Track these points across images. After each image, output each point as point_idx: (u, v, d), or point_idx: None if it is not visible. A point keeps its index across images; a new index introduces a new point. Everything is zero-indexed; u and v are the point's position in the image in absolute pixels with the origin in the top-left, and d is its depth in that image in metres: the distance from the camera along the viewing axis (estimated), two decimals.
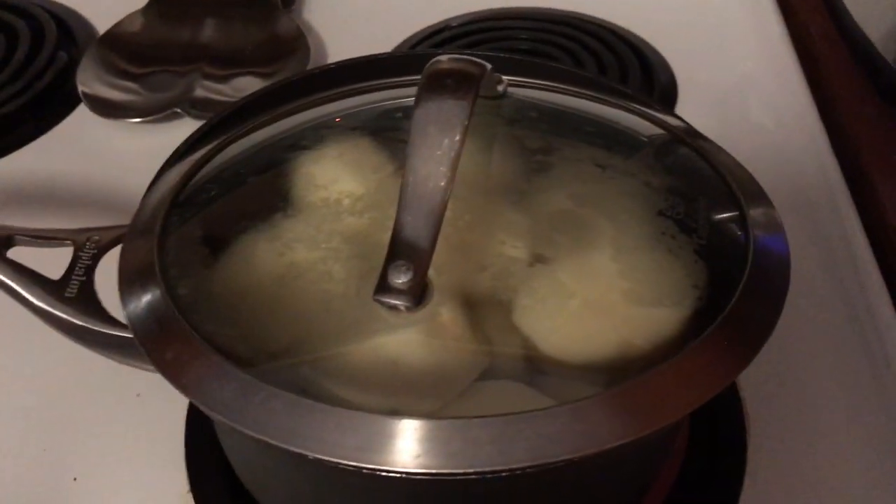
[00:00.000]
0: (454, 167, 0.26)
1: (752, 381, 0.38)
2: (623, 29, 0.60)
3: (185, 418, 0.38)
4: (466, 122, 0.26)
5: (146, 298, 0.27)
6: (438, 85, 0.27)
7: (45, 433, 0.38)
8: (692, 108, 0.53)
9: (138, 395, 0.39)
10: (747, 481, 0.35)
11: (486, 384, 0.27)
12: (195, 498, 0.36)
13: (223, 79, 0.56)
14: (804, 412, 0.37)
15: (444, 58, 0.29)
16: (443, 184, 0.26)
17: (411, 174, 0.26)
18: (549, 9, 0.62)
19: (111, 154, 0.52)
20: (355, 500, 0.29)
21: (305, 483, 0.30)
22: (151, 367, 0.30)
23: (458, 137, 0.26)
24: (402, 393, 0.27)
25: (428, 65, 0.28)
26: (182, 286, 0.28)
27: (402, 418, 0.23)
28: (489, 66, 0.28)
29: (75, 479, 0.37)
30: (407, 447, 0.22)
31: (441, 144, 0.26)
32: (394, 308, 0.26)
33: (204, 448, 0.37)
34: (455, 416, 0.24)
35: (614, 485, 0.32)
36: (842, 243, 0.44)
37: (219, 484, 0.36)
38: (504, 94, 0.34)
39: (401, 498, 0.28)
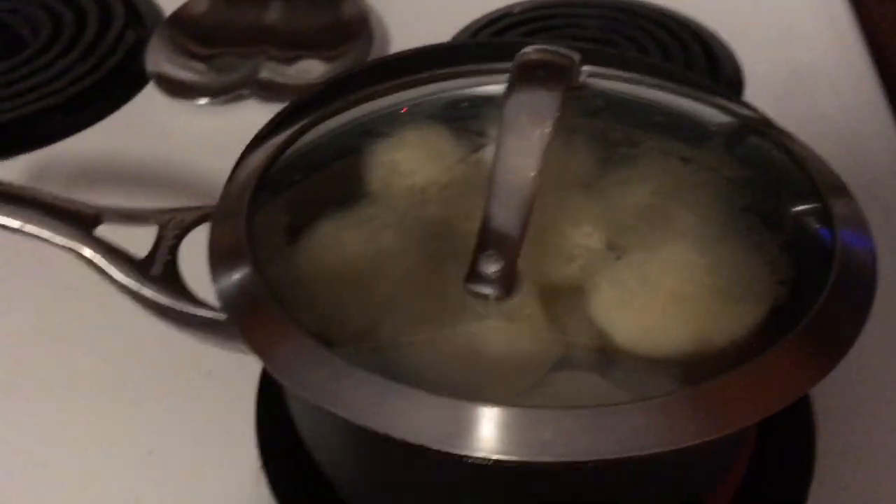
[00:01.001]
0: (544, 158, 0.26)
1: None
2: (687, 17, 0.59)
3: (255, 395, 0.39)
4: (557, 114, 0.26)
5: (237, 279, 0.28)
6: (530, 76, 0.27)
7: (123, 408, 0.39)
8: (758, 98, 0.52)
9: (209, 372, 0.40)
10: (815, 484, 0.35)
11: (562, 374, 0.28)
12: (267, 474, 0.36)
13: (287, 61, 0.56)
14: (874, 413, 0.37)
15: (531, 49, 0.29)
16: (532, 175, 0.26)
17: (501, 165, 0.26)
18: None
19: (179, 134, 0.53)
20: (432, 481, 0.30)
21: (382, 463, 0.30)
22: (233, 347, 0.31)
23: (548, 129, 0.26)
24: (479, 379, 0.27)
25: (518, 55, 0.28)
26: (270, 268, 0.28)
27: (496, 406, 0.23)
28: (578, 57, 0.28)
29: (151, 452, 0.38)
30: (499, 435, 0.23)
31: (532, 135, 0.26)
32: (484, 297, 0.26)
33: (275, 425, 0.38)
34: (544, 405, 0.24)
35: (684, 480, 0.32)
36: None
37: (290, 460, 0.37)
38: (584, 85, 0.33)
39: (478, 482, 0.28)
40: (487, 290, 0.26)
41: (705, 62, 0.55)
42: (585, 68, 0.34)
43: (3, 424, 0.39)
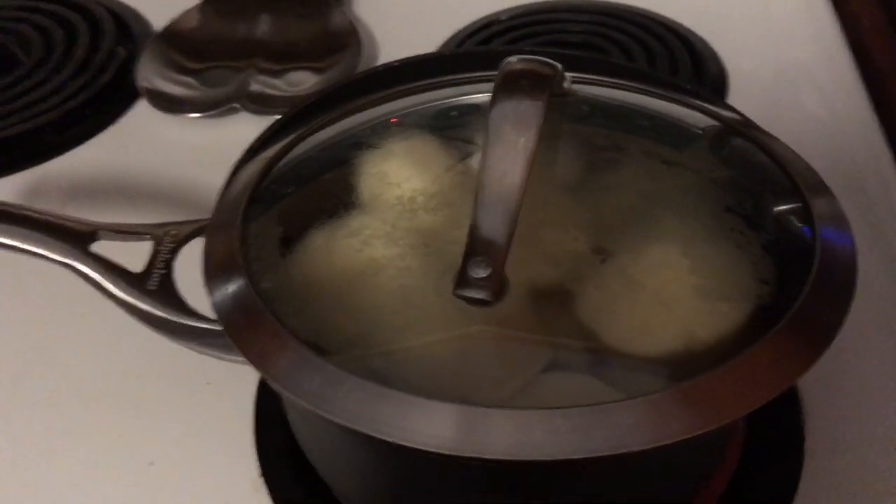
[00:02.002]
0: (529, 166, 0.27)
1: (810, 373, 0.38)
2: (672, 20, 0.60)
3: (254, 404, 0.39)
4: (541, 122, 0.27)
5: (231, 291, 0.28)
6: (514, 86, 0.28)
7: (121, 420, 0.40)
8: (743, 99, 0.54)
9: (209, 383, 0.41)
10: (805, 474, 0.36)
11: (552, 376, 0.28)
12: (266, 482, 0.37)
13: (277, 73, 0.57)
14: (861, 409, 0.38)
15: (515, 59, 0.29)
16: (518, 182, 0.27)
17: (487, 173, 0.27)
18: (598, 1, 0.62)
19: (172, 148, 0.53)
20: (428, 485, 0.30)
21: (379, 466, 0.31)
22: (230, 357, 0.32)
23: (532, 137, 0.27)
24: (472, 383, 0.28)
25: (502, 65, 0.29)
26: (265, 279, 0.29)
27: (487, 408, 0.24)
28: (560, 66, 0.29)
29: (151, 463, 0.38)
30: (492, 436, 0.23)
31: (517, 144, 0.27)
32: (474, 302, 0.27)
33: (273, 433, 0.38)
34: (532, 406, 0.24)
35: (676, 476, 0.32)
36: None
37: (289, 468, 0.37)
38: (568, 92, 0.34)
39: (471, 482, 0.29)
40: (477, 295, 0.26)
41: (690, 65, 0.56)
42: (570, 75, 0.35)
43: (4, 437, 0.39)
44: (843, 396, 0.38)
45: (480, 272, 0.26)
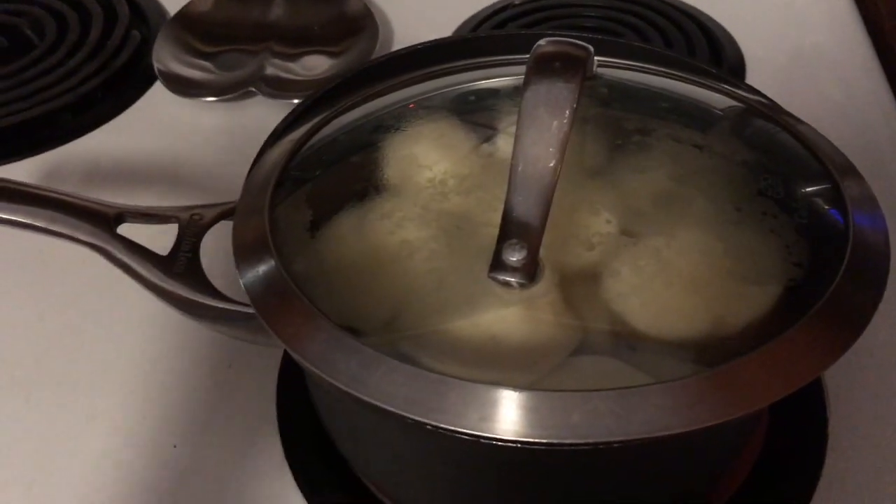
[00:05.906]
0: (563, 149, 0.27)
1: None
2: (688, 4, 0.60)
3: (276, 386, 0.40)
4: (575, 105, 0.27)
5: (262, 273, 0.28)
6: (547, 68, 0.28)
7: (146, 403, 0.40)
8: (760, 82, 0.53)
9: (230, 366, 0.41)
10: (827, 465, 0.36)
11: (580, 359, 0.28)
12: (290, 463, 0.37)
13: (292, 57, 0.57)
14: (887, 395, 0.38)
15: (546, 41, 0.29)
16: (552, 165, 0.27)
17: (521, 156, 0.27)
18: None
19: (188, 132, 0.53)
20: (459, 465, 0.30)
21: (409, 448, 0.31)
22: (257, 339, 0.32)
23: (566, 120, 0.27)
24: (501, 366, 0.28)
25: (534, 48, 0.29)
26: (296, 262, 0.29)
27: (526, 390, 0.24)
28: (592, 48, 0.29)
29: (175, 445, 0.38)
30: (530, 419, 0.23)
31: (550, 126, 0.27)
32: (509, 285, 0.27)
33: (296, 415, 0.39)
34: (572, 389, 0.24)
35: (701, 461, 0.32)
36: None
37: (313, 448, 0.37)
38: (595, 75, 0.34)
39: (505, 465, 0.29)
40: (511, 277, 0.26)
41: (707, 48, 0.56)
42: (597, 58, 0.35)
43: (29, 420, 0.39)
44: (868, 387, 0.38)
45: (515, 255, 0.26)
